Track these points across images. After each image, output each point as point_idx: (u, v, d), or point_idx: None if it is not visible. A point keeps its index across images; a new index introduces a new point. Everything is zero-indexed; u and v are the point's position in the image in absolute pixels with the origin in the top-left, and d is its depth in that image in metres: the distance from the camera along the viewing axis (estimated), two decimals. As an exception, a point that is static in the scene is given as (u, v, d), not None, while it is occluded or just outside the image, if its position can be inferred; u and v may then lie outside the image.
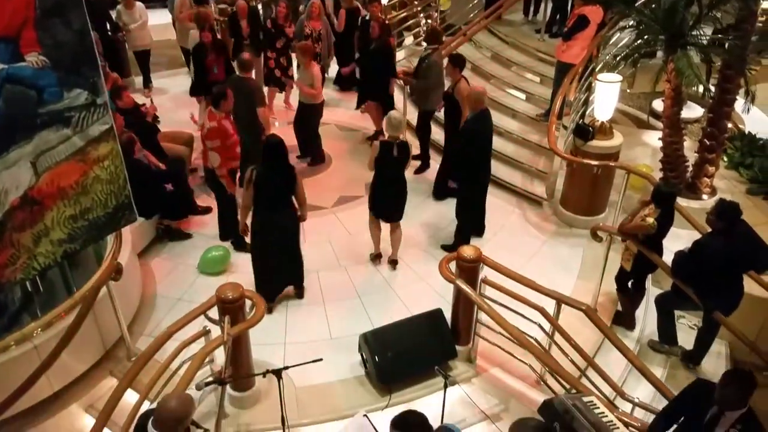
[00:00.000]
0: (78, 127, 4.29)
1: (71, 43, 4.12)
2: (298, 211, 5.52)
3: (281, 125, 8.68)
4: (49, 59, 4.01)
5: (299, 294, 5.87)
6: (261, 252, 5.60)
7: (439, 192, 7.21)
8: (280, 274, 5.74)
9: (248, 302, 4.50)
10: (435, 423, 4.11)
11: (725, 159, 7.58)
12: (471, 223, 6.50)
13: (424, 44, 7.75)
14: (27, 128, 4.04)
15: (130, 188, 4.85)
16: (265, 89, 8.33)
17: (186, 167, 7.21)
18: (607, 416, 3.82)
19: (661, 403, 4.31)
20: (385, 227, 6.18)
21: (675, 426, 3.88)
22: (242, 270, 6.12)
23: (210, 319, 4.51)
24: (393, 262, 6.26)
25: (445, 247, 6.40)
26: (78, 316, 4.56)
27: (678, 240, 5.42)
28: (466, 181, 6.30)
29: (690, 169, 7.01)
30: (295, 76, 8.78)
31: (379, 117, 7.88)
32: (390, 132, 5.72)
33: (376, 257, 6.30)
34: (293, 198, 5.44)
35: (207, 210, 6.86)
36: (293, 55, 8.65)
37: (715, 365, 5.51)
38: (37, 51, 3.96)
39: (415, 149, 7.80)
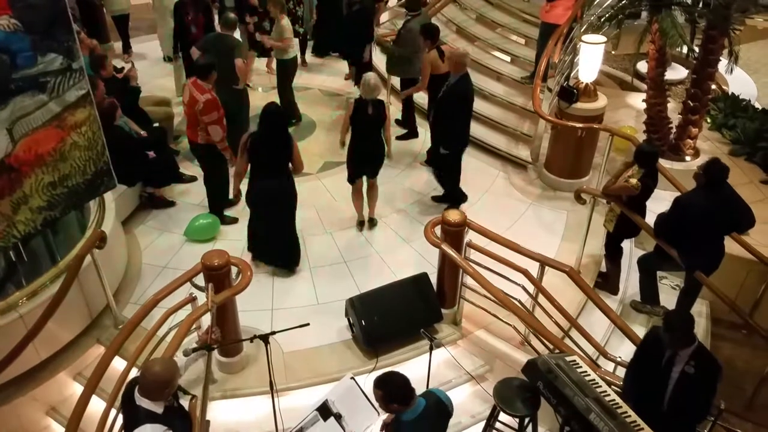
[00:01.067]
0: (54, 93, 4.20)
1: (44, 6, 4.00)
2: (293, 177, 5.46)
3: (265, 90, 8.56)
4: (20, 22, 3.89)
5: (291, 271, 5.83)
6: (256, 218, 5.61)
7: (433, 160, 7.12)
8: (273, 249, 5.74)
9: (234, 269, 4.50)
10: (421, 384, 4.20)
11: (708, 120, 7.62)
12: (456, 185, 6.51)
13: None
14: (1, 94, 3.94)
15: (108, 154, 4.78)
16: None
17: (168, 134, 7.11)
18: (589, 375, 3.91)
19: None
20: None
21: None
22: (228, 237, 6.12)
23: (196, 286, 4.51)
24: (371, 221, 6.29)
25: (435, 198, 6.47)
26: (63, 285, 4.53)
27: (661, 202, 5.46)
28: (452, 145, 6.28)
29: (673, 130, 7.04)
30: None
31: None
32: (365, 95, 5.67)
33: (360, 224, 6.32)
34: (289, 165, 5.37)
35: (192, 178, 6.79)
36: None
37: (695, 324, 5.62)
38: (8, 14, 3.84)
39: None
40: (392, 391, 3.34)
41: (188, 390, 3.76)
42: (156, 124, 6.78)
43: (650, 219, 5.32)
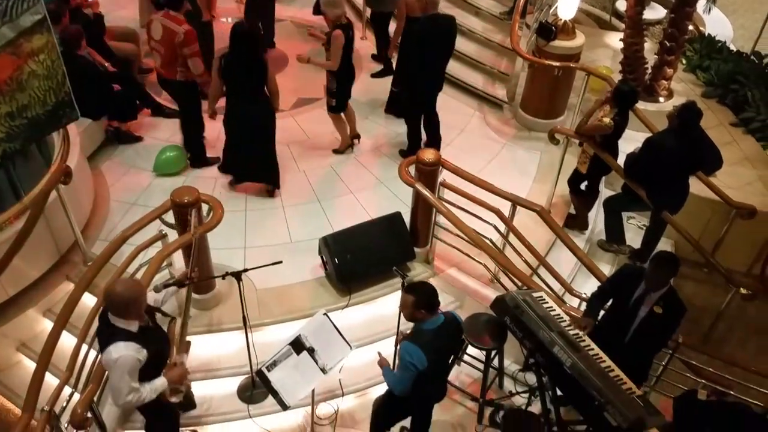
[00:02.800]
0: (6, 17, 3.96)
1: None
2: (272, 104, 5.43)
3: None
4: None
5: (270, 192, 5.88)
6: (231, 140, 5.61)
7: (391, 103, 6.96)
8: (250, 169, 5.77)
9: (205, 206, 4.45)
10: (393, 321, 4.28)
11: (684, 62, 7.60)
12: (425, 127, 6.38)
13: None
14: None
15: (70, 85, 4.58)
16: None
17: (134, 66, 6.84)
18: (554, 310, 4.04)
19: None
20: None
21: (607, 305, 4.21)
22: (199, 173, 6.01)
23: (166, 223, 4.46)
24: (356, 137, 6.36)
25: (402, 153, 6.36)
26: (28, 221, 4.44)
27: (633, 143, 5.49)
28: (405, 85, 6.16)
29: (649, 71, 7.01)
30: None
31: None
32: (332, 12, 5.51)
33: (350, 147, 6.36)
34: (265, 89, 5.32)
35: (176, 113, 6.43)
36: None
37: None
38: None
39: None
40: (423, 297, 3.51)
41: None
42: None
43: (621, 160, 5.37)
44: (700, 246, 5.29)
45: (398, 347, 3.78)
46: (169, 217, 4.43)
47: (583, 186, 5.81)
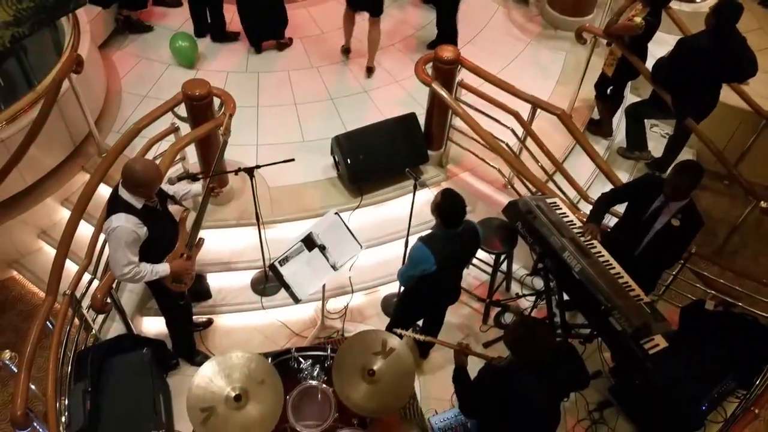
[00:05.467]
0: None
1: None
2: None
3: None
4: None
5: (280, 47, 5.93)
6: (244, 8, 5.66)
7: None
8: (264, 21, 5.79)
9: (217, 100, 4.37)
10: (403, 223, 4.29)
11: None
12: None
13: None
14: None
15: (79, -32, 4.39)
16: None
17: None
18: (567, 216, 4.01)
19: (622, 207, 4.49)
20: (361, 25, 5.82)
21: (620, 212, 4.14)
22: (211, 67, 5.87)
23: (178, 116, 4.40)
24: (369, 69, 5.96)
25: (432, 44, 6.08)
26: (42, 110, 4.42)
27: (664, 46, 5.21)
28: None
29: (687, -32, 6.53)
30: None
31: None
32: None
33: (345, 51, 6.02)
34: None
35: (177, 3, 6.34)
36: None
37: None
38: None
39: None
40: (446, 208, 3.48)
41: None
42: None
43: (650, 64, 5.12)
44: (723, 156, 5.13)
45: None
46: (181, 110, 4.37)
47: (608, 91, 5.59)
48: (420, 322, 4.41)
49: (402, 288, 3.99)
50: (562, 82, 5.99)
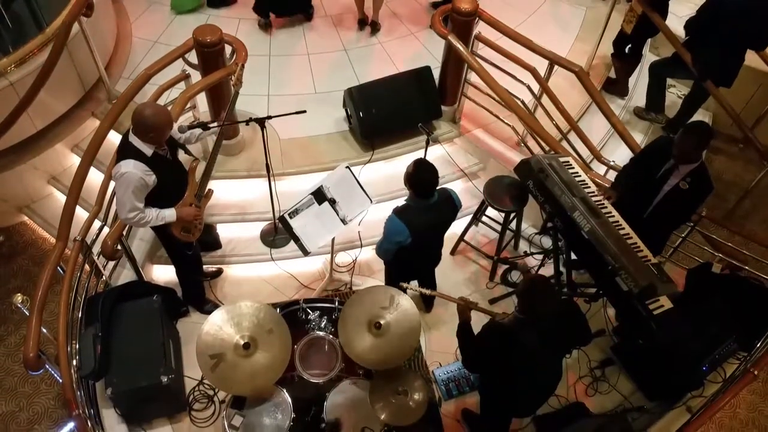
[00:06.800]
0: None
1: None
2: None
3: None
4: None
5: (308, 16, 5.78)
6: None
7: None
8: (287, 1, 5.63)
9: (228, 47, 4.30)
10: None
11: None
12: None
13: None
14: None
15: None
16: None
17: None
18: (580, 176, 3.97)
19: (635, 168, 4.44)
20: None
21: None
22: (221, 14, 5.75)
23: (189, 63, 4.34)
24: (373, 25, 5.81)
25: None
26: (52, 53, 4.36)
27: (686, 4, 5.07)
28: None
29: None
30: None
31: None
32: None
33: (360, 22, 5.85)
34: None
35: None
36: None
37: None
38: None
39: None
40: (416, 178, 3.48)
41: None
42: None
43: (671, 22, 4.99)
44: (740, 119, 5.05)
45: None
46: (192, 57, 4.31)
47: (627, 49, 5.46)
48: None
49: None
50: (581, 38, 5.86)
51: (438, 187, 3.57)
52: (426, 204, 3.53)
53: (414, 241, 3.53)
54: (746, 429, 4.73)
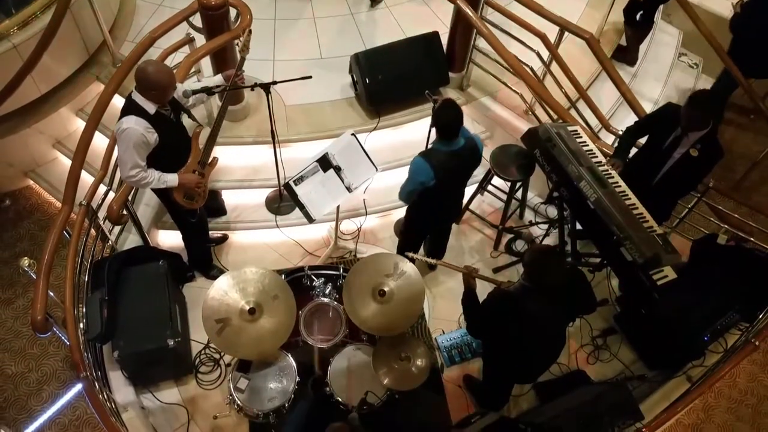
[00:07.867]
0: None
1: None
2: None
3: None
4: None
5: None
6: None
7: None
8: None
9: (233, 11, 4.23)
10: (420, 147, 4.24)
11: None
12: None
13: None
14: None
15: None
16: None
17: None
18: (587, 145, 3.94)
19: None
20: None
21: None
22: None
23: (193, 27, 4.29)
24: None
25: None
26: (55, 14, 4.30)
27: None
28: None
29: None
30: None
31: None
32: None
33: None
34: None
35: None
36: None
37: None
38: None
39: None
40: (442, 119, 3.47)
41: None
42: None
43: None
44: (752, 89, 4.97)
45: None
46: (197, 20, 4.25)
47: (638, 16, 5.35)
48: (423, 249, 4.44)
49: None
50: (592, 4, 5.72)
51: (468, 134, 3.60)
52: (450, 148, 3.53)
53: (437, 184, 3.55)
54: (745, 398, 4.78)
